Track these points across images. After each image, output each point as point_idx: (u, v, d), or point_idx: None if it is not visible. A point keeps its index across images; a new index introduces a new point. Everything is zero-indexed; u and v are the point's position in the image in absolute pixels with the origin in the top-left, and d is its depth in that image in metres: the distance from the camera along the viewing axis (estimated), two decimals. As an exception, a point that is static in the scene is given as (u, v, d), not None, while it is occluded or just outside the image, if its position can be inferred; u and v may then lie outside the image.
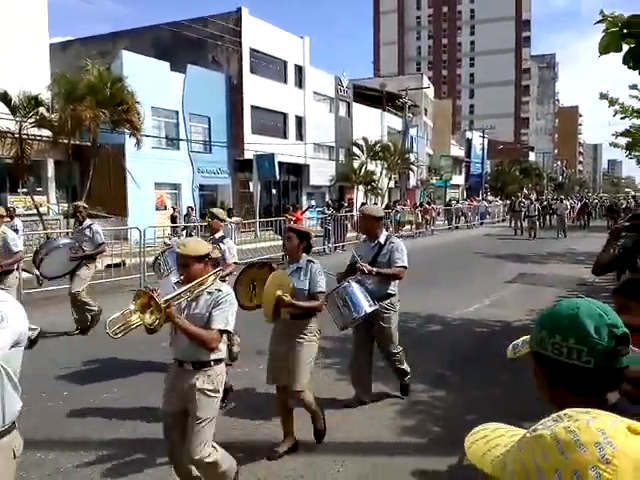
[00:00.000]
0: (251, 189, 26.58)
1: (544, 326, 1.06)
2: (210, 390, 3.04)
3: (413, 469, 3.72)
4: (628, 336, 1.05)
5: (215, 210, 6.40)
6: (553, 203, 29.64)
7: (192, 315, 3.06)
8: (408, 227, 24.62)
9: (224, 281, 3.68)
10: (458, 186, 53.72)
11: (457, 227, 29.74)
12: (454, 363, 6.12)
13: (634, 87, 12.27)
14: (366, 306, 4.40)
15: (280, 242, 16.40)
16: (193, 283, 3.06)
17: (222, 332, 3.04)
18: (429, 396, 5.12)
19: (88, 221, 7.71)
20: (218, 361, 3.13)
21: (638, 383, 1.34)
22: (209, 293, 3.09)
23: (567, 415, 0.76)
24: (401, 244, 4.81)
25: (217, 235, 5.94)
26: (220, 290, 3.11)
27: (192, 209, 19.65)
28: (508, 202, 34.93)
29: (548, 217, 29.04)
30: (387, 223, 22.01)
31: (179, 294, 3.03)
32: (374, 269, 4.60)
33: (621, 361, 1.04)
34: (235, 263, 5.86)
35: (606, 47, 4.30)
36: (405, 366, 5.00)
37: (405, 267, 4.72)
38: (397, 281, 4.83)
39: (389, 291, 4.78)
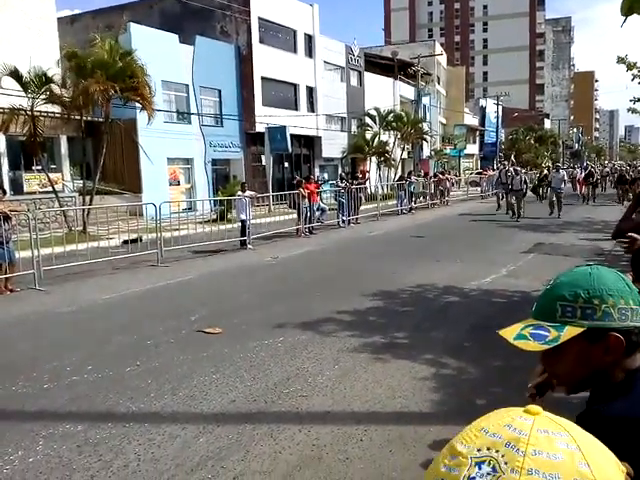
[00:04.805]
0: (263, 162, 26.45)
1: (610, 295, 1.00)
2: None
3: (435, 439, 3.75)
4: None
5: None
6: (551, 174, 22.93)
7: None
8: (422, 198, 24.45)
9: None
10: (472, 155, 53.08)
11: (482, 197, 29.56)
12: (473, 333, 6.12)
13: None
14: None
15: (294, 215, 16.35)
16: None
17: None
18: (450, 367, 5.13)
19: None
20: None
21: None
22: None
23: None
24: None
25: None
26: None
27: None
28: (492, 173, 30.38)
29: (546, 189, 23.83)
30: (401, 194, 21.82)
31: None
32: None
33: None
34: None
35: (629, 8, 4.12)
36: None
37: None
38: None
39: None
